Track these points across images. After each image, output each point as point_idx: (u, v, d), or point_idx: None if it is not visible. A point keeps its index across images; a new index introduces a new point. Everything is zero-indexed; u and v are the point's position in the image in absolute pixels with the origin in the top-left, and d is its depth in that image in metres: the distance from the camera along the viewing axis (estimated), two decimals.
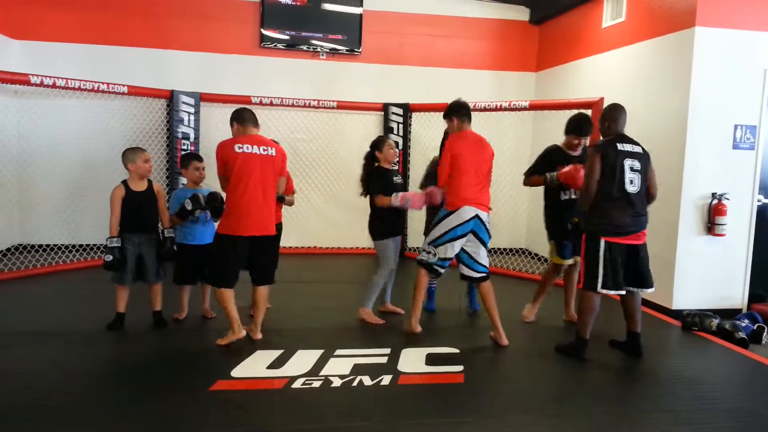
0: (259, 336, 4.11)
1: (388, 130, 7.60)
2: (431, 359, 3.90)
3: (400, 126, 7.62)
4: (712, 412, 3.29)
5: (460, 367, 3.77)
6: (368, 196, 4.63)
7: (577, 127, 4.55)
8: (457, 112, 4.31)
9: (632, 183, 3.88)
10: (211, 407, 3.07)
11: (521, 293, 5.43)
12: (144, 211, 4.27)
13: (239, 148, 3.85)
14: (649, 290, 4.09)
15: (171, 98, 6.98)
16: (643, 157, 3.96)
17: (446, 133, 4.54)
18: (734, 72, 5.20)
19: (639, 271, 4.01)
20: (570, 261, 4.67)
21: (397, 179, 4.69)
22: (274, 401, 3.18)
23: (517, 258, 7.49)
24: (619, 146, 3.89)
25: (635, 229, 3.92)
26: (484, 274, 4.24)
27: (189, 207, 4.28)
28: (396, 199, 4.47)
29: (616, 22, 6.31)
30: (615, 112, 4.03)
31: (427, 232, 4.51)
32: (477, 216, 4.13)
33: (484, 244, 4.22)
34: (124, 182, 4.31)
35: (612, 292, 3.92)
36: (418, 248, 5.58)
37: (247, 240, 3.89)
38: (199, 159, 4.61)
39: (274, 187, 4.02)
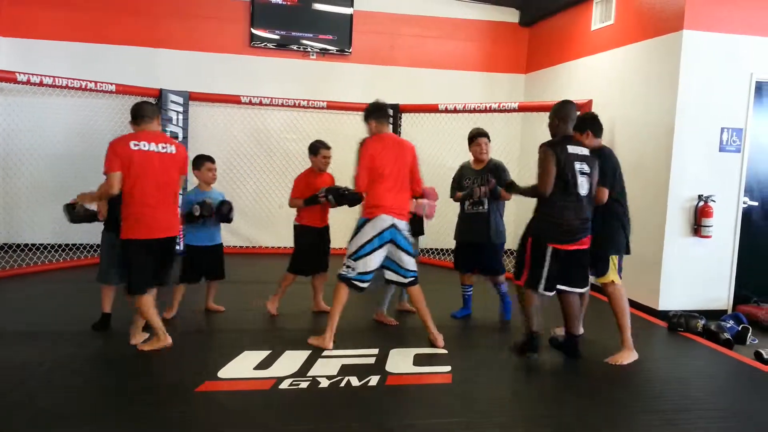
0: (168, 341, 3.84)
1: None
2: (419, 360, 3.90)
3: (390, 127, 7.61)
4: (697, 412, 3.32)
5: (448, 368, 3.77)
6: None
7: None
8: (375, 114, 4.20)
9: (582, 187, 3.79)
10: (198, 408, 3.05)
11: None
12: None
13: (135, 145, 3.64)
14: (580, 290, 4.00)
15: (159, 97, 6.93)
16: (591, 160, 3.86)
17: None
18: (721, 75, 5.25)
19: (577, 273, 3.94)
20: None
21: None
22: (261, 402, 3.17)
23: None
24: (570, 149, 3.78)
25: (583, 235, 3.83)
26: (412, 279, 4.14)
27: (197, 213, 4.37)
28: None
29: (605, 24, 6.35)
30: (568, 110, 3.90)
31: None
32: (394, 225, 4.00)
33: (407, 252, 4.10)
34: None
35: (551, 294, 3.89)
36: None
37: (156, 242, 3.73)
38: (212, 160, 4.64)
39: (177, 186, 3.87)
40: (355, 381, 3.47)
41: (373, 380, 3.50)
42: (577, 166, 3.76)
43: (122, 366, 3.60)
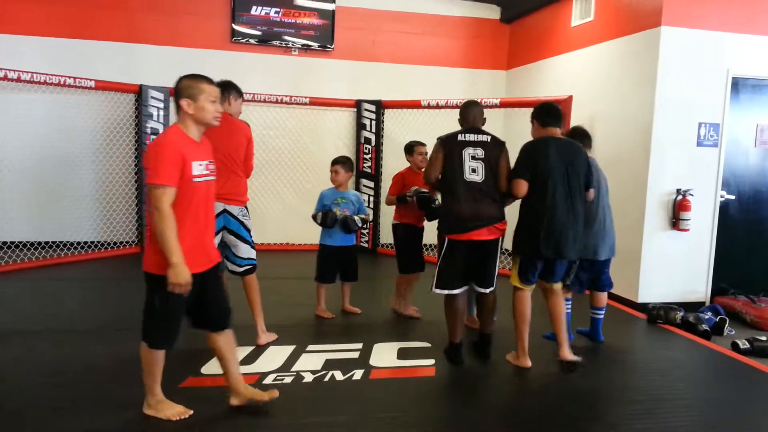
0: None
1: (360, 126, 7.61)
2: (403, 353, 3.92)
3: (373, 123, 7.62)
4: (675, 401, 3.38)
5: (431, 361, 3.80)
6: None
7: None
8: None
9: (474, 171, 3.62)
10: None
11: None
12: None
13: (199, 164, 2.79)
14: (484, 290, 3.77)
15: (139, 93, 6.86)
16: (489, 146, 3.69)
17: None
18: (698, 71, 5.33)
19: (481, 269, 3.73)
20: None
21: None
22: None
23: None
24: (461, 136, 3.70)
25: (480, 223, 3.60)
26: (248, 267, 3.92)
27: (318, 221, 4.52)
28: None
29: (585, 21, 6.41)
30: (468, 108, 3.86)
31: None
32: (225, 211, 3.80)
33: (242, 238, 3.88)
34: None
35: (445, 292, 3.73)
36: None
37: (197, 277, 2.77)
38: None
39: None
40: (339, 375, 3.47)
41: (357, 374, 3.51)
42: (469, 151, 3.64)
43: (104, 363, 3.57)
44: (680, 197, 5.31)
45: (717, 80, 5.39)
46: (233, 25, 7.42)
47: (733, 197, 5.62)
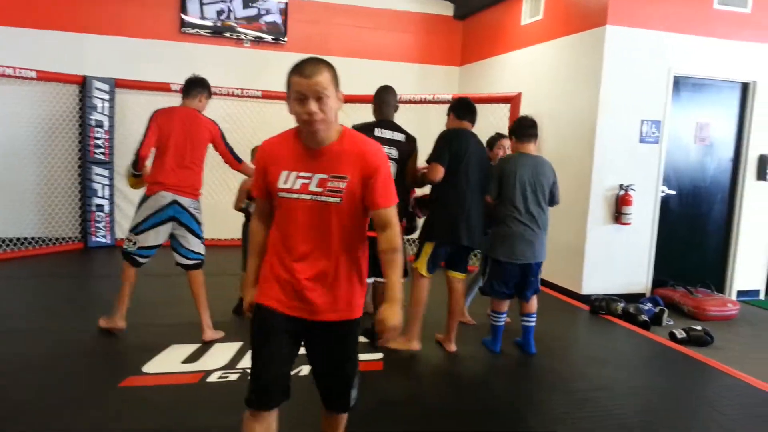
0: None
1: None
2: None
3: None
4: (612, 389, 3.50)
5: (380, 355, 3.82)
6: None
7: None
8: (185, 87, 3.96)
9: None
10: (121, 404, 2.98)
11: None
12: None
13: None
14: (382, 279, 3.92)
15: (83, 84, 6.65)
16: (403, 145, 3.76)
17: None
18: (642, 70, 5.49)
19: (374, 261, 3.83)
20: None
21: None
22: (189, 396, 3.12)
23: None
24: (377, 132, 3.69)
25: None
26: (197, 261, 3.90)
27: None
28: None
29: (535, 19, 6.52)
30: (385, 95, 3.85)
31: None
32: (175, 202, 3.76)
33: (192, 231, 3.87)
34: None
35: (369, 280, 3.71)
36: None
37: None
38: None
39: None
40: None
41: (305, 369, 3.48)
42: (384, 150, 3.66)
43: (40, 362, 3.45)
44: (623, 192, 5.47)
45: (659, 79, 5.57)
46: (183, 15, 7.25)
47: (673, 192, 5.83)
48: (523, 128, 3.96)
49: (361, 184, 1.90)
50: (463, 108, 3.96)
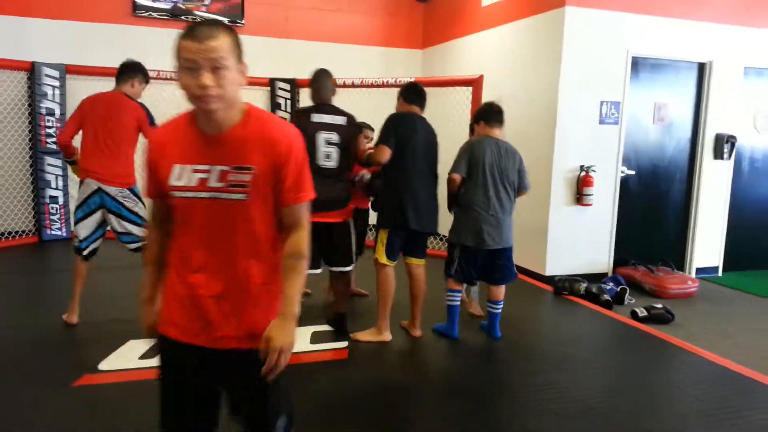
0: None
1: (275, 106, 7.41)
2: (317, 337, 3.88)
3: (288, 102, 7.44)
4: (578, 370, 3.55)
5: (345, 343, 3.78)
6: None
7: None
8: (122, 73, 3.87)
9: (328, 157, 3.58)
10: (76, 403, 2.87)
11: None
12: None
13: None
14: (339, 269, 3.82)
15: (32, 71, 6.37)
16: (344, 129, 3.66)
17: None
18: (600, 51, 5.51)
19: (333, 250, 3.76)
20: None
21: None
22: (147, 392, 3.02)
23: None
24: (315, 117, 3.61)
25: (333, 206, 3.60)
26: (139, 245, 3.78)
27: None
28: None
29: (495, 0, 6.48)
30: (321, 78, 3.75)
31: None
32: (100, 190, 3.68)
33: (125, 218, 3.76)
34: None
35: (313, 271, 3.48)
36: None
37: None
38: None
39: None
40: None
41: None
42: (323, 135, 3.58)
43: None
44: (583, 173, 5.52)
45: (618, 60, 5.60)
46: None
47: (633, 173, 5.91)
48: (493, 113, 3.94)
49: (272, 176, 1.53)
50: (411, 92, 3.94)
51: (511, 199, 3.87)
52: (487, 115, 3.96)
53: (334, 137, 3.61)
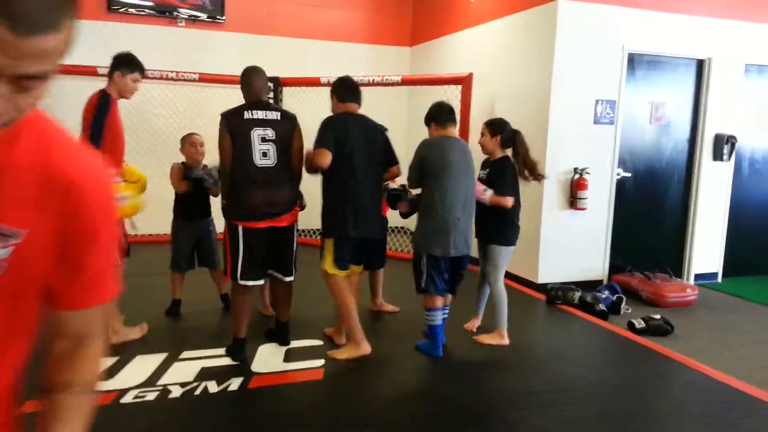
0: None
1: None
2: (290, 355, 3.60)
3: (271, 101, 7.15)
4: (574, 391, 3.27)
5: (321, 362, 3.50)
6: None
7: None
8: None
9: (265, 155, 3.35)
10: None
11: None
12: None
13: None
14: (287, 278, 3.58)
15: None
16: (279, 124, 3.40)
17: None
18: (595, 47, 5.25)
19: (279, 257, 3.52)
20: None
21: None
22: (98, 419, 2.74)
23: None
24: (247, 114, 3.36)
25: (277, 209, 3.38)
26: None
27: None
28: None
29: None
30: (250, 76, 3.51)
31: None
32: None
33: None
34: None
35: (251, 283, 3.44)
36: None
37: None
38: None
39: None
40: (213, 387, 3.12)
41: (234, 383, 3.17)
42: (258, 132, 3.34)
43: None
44: (577, 176, 5.25)
45: (613, 56, 5.34)
46: None
47: (629, 175, 5.65)
48: (444, 113, 3.70)
49: (53, 246, 0.88)
50: (344, 89, 3.66)
51: (473, 199, 3.64)
52: (438, 116, 3.70)
53: (270, 133, 3.36)
